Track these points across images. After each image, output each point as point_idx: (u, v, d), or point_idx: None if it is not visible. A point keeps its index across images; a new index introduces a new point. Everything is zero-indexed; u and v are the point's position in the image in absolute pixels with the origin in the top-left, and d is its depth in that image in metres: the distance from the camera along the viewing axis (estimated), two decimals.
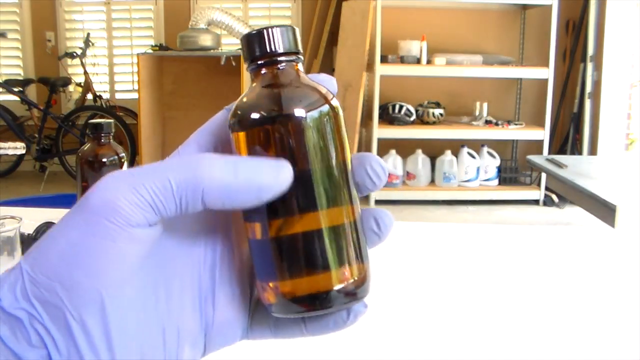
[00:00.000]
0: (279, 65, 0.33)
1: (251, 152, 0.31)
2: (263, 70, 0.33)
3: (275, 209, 0.31)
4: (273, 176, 0.30)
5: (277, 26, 0.33)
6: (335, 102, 0.32)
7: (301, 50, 0.34)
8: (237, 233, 0.34)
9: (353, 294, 0.32)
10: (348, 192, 0.32)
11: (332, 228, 0.31)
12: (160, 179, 0.28)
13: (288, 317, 0.33)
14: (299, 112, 0.31)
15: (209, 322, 0.33)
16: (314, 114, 0.31)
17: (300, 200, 0.31)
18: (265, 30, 0.32)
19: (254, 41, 0.33)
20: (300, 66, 0.34)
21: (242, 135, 0.31)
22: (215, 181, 0.29)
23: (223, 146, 0.34)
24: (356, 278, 0.32)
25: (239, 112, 0.32)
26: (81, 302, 0.28)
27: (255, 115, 0.31)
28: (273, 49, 0.32)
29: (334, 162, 0.31)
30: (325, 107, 0.31)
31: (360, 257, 0.32)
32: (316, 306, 0.31)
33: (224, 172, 0.29)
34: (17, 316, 0.27)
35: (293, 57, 0.33)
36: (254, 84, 0.33)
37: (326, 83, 0.34)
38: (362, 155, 0.33)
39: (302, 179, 0.31)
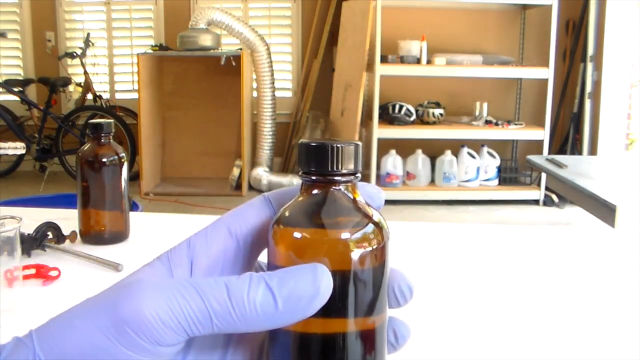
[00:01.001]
0: (333, 186, 0.32)
1: (290, 264, 0.31)
2: (315, 190, 0.32)
3: None
4: (314, 293, 0.29)
5: (340, 143, 0.31)
6: (379, 219, 0.32)
7: (360, 169, 0.32)
8: None
9: None
10: (381, 305, 0.32)
11: (358, 337, 0.31)
12: (199, 306, 0.28)
13: None
14: (344, 235, 0.30)
15: None
16: (359, 239, 0.31)
17: (335, 308, 0.31)
18: (327, 146, 0.31)
19: (313, 154, 0.31)
20: (357, 184, 0.33)
21: (283, 248, 0.31)
22: (256, 312, 0.28)
23: (253, 238, 0.34)
24: None
25: (281, 226, 0.32)
26: None
27: (297, 235, 0.31)
28: (331, 168, 0.31)
29: (373, 281, 0.31)
30: (370, 229, 0.31)
31: None
32: None
33: (265, 303, 0.28)
34: None
35: (350, 178, 0.32)
36: (302, 198, 0.32)
37: (373, 196, 0.34)
38: (393, 272, 0.33)
39: (340, 293, 0.31)
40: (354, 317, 0.31)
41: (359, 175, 0.32)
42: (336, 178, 0.32)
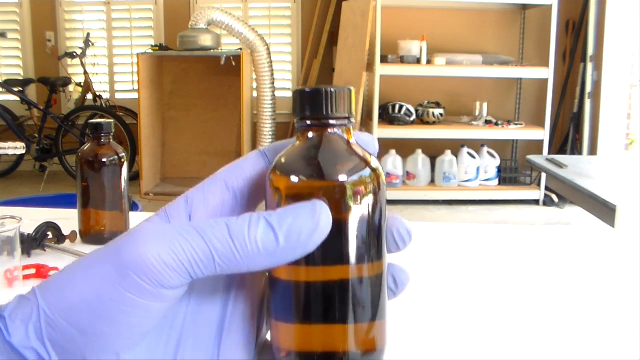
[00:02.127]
0: (328, 130, 0.32)
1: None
2: (310, 134, 0.32)
3: (309, 255, 0.31)
4: (314, 227, 0.29)
5: (334, 87, 0.32)
6: (375, 164, 0.32)
7: (354, 113, 0.33)
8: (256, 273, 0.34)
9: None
10: (380, 250, 0.32)
11: (359, 282, 0.31)
12: (201, 246, 0.28)
13: None
14: (342, 178, 0.31)
15: None
16: (356, 181, 0.31)
17: (334, 253, 0.31)
18: (321, 91, 0.31)
19: (307, 99, 0.32)
20: (351, 128, 0.33)
21: (281, 194, 0.31)
22: (257, 249, 0.29)
23: (250, 190, 0.34)
24: (371, 341, 0.32)
25: (278, 172, 0.32)
26: (100, 351, 0.28)
27: (294, 179, 0.31)
28: (326, 112, 0.32)
29: (371, 225, 0.31)
30: (367, 172, 0.31)
31: (381, 315, 0.32)
32: None
33: (266, 239, 0.29)
34: (25, 356, 0.28)
35: (344, 122, 0.32)
36: (298, 143, 0.33)
37: (368, 143, 0.34)
38: (391, 218, 0.33)
39: (339, 237, 0.31)
40: (354, 263, 0.31)
41: (353, 120, 0.33)
42: (331, 121, 0.32)
